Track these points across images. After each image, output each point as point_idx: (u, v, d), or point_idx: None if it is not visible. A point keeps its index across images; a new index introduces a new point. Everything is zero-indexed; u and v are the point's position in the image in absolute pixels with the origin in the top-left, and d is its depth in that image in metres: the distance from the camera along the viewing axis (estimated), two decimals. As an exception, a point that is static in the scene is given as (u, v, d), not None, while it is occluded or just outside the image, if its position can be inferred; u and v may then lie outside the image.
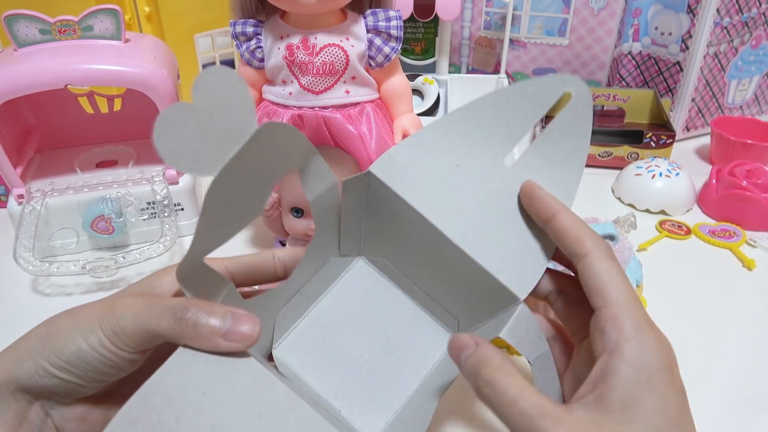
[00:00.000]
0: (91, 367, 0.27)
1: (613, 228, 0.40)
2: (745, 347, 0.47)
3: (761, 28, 0.77)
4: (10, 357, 0.27)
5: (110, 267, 0.52)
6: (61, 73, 0.51)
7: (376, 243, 0.36)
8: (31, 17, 0.52)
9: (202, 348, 0.27)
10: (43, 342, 0.27)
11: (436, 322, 0.35)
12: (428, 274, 0.34)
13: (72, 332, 0.27)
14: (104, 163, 0.62)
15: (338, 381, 0.33)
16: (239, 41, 0.49)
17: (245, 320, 0.28)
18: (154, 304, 0.28)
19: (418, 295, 0.35)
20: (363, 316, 0.35)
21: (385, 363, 0.33)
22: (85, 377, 0.27)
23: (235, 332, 0.27)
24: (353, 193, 0.34)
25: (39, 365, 0.27)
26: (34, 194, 0.55)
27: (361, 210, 0.35)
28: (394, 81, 0.51)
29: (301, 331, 0.34)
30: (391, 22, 0.48)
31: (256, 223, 0.62)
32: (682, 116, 0.79)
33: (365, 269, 0.36)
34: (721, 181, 0.64)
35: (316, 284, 0.35)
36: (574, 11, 0.75)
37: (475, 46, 0.84)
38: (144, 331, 0.27)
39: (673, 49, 0.78)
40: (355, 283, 0.36)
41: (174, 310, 0.27)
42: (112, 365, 0.27)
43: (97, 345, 0.27)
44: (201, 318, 0.27)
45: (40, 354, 0.27)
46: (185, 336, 0.27)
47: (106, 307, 0.28)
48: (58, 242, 0.57)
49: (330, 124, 0.49)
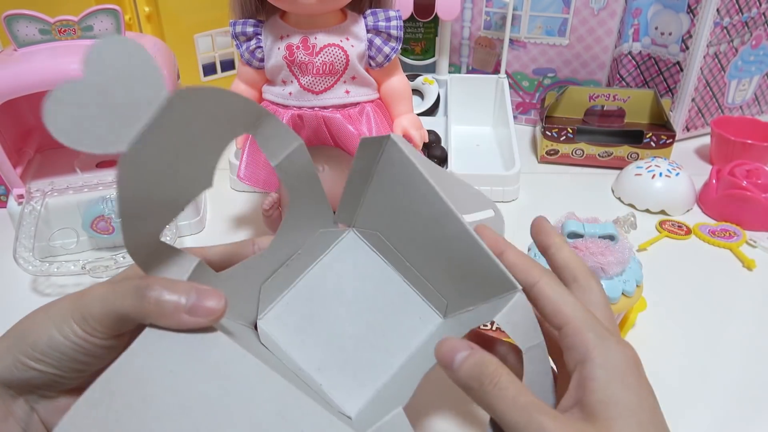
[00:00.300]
0: (66, 357, 0.27)
1: (613, 228, 0.40)
2: (745, 347, 0.47)
3: (761, 28, 0.77)
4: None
5: (110, 267, 0.52)
6: (61, 73, 0.51)
7: (375, 214, 0.35)
8: (31, 17, 0.52)
9: (167, 326, 0.27)
10: (18, 337, 0.27)
11: (424, 302, 0.34)
12: (424, 252, 0.34)
13: (44, 324, 0.27)
14: (104, 163, 0.62)
15: (321, 355, 0.32)
16: (239, 41, 0.49)
17: (210, 295, 0.27)
18: (119, 286, 0.27)
19: (408, 273, 0.35)
20: (350, 291, 0.34)
21: (369, 340, 0.33)
22: (62, 367, 0.27)
23: (201, 307, 0.27)
24: (367, 154, 0.33)
25: (16, 359, 0.27)
26: (34, 194, 0.55)
27: (368, 175, 0.34)
28: (394, 81, 0.51)
29: (286, 303, 0.34)
30: (391, 22, 0.48)
31: (256, 223, 0.62)
32: (682, 116, 0.79)
33: (355, 241, 0.36)
34: (721, 181, 0.64)
35: (304, 256, 0.34)
36: (574, 11, 0.75)
37: (475, 46, 0.84)
38: (111, 312, 0.27)
39: (673, 49, 0.78)
40: (344, 257, 0.35)
41: (137, 289, 0.26)
42: (86, 353, 0.27)
43: (69, 333, 0.27)
44: (164, 294, 0.26)
45: (17, 348, 0.27)
46: (150, 314, 0.26)
47: (76, 295, 0.28)
48: (58, 242, 0.57)
49: (330, 124, 0.49)
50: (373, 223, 0.35)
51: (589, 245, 0.39)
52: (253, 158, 0.52)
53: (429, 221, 0.32)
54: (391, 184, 0.33)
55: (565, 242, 0.33)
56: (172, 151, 0.25)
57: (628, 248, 0.40)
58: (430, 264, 0.34)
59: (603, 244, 0.39)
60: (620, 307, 0.39)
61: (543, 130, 0.73)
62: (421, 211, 0.32)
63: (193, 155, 0.27)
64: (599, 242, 0.39)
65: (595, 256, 0.38)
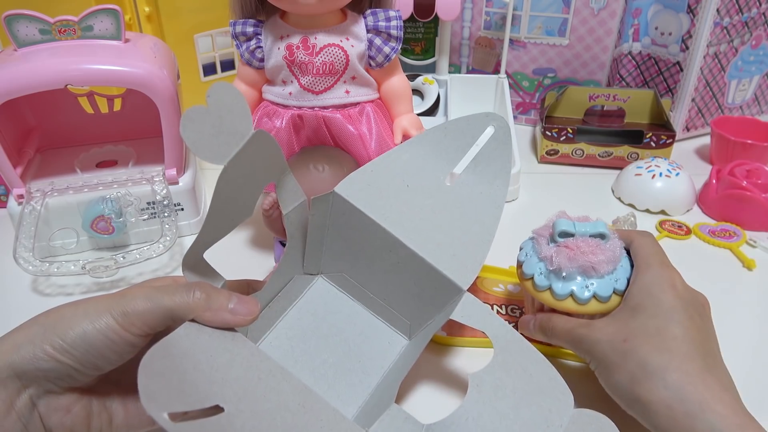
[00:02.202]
0: (94, 350, 0.29)
1: (604, 226, 0.40)
2: (745, 347, 0.47)
3: (761, 28, 0.77)
4: (7, 343, 0.29)
5: (110, 267, 0.52)
6: (61, 73, 0.51)
7: (336, 258, 0.42)
8: (31, 17, 0.52)
9: (210, 321, 0.31)
10: (45, 328, 0.29)
11: (389, 328, 0.41)
12: (383, 281, 0.41)
13: (77, 317, 0.29)
14: (104, 163, 0.62)
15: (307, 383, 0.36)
16: (239, 41, 0.49)
17: (248, 299, 0.33)
18: (166, 286, 0.31)
19: (373, 303, 0.42)
20: (325, 327, 0.40)
21: (347, 366, 0.39)
22: (84, 362, 0.29)
23: (241, 308, 0.32)
24: (319, 211, 0.39)
25: (40, 348, 0.28)
26: (34, 194, 0.55)
27: (324, 227, 0.40)
28: (394, 81, 0.51)
29: (270, 342, 0.39)
30: (391, 22, 0.48)
31: (257, 223, 0.62)
32: (682, 116, 0.79)
33: (325, 285, 0.42)
34: (721, 181, 0.64)
35: (282, 300, 0.40)
36: (574, 11, 0.75)
37: (475, 46, 0.84)
38: (156, 308, 0.30)
39: (673, 49, 0.78)
40: (316, 299, 0.42)
41: (187, 288, 0.31)
42: (114, 348, 0.29)
43: (104, 327, 0.29)
44: (213, 292, 0.31)
45: (41, 338, 0.29)
46: (198, 308, 0.31)
47: (114, 295, 0.31)
48: (58, 242, 0.57)
49: (330, 124, 0.49)
50: (337, 265, 0.42)
51: (579, 244, 0.39)
52: (253, 158, 0.52)
53: (382, 253, 0.39)
54: (345, 231, 0.40)
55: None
56: (242, 177, 0.32)
57: (619, 246, 0.40)
58: (391, 290, 0.41)
59: (594, 243, 0.39)
60: (611, 306, 0.39)
61: (543, 130, 0.73)
62: (374, 246, 0.39)
63: (250, 184, 0.34)
64: (590, 241, 0.39)
65: (586, 255, 0.38)
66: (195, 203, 0.61)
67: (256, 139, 0.32)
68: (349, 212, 0.39)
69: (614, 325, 0.36)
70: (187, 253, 0.32)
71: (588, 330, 0.37)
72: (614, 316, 0.37)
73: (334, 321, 0.41)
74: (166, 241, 0.53)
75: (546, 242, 0.41)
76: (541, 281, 0.40)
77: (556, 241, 0.40)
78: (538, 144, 0.76)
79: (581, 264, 0.38)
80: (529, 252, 0.42)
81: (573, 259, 0.38)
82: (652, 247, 0.39)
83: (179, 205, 0.59)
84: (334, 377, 0.38)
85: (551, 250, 0.39)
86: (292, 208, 0.38)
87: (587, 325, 0.37)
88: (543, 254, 0.40)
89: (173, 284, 0.32)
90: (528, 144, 0.81)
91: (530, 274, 0.40)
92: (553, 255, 0.39)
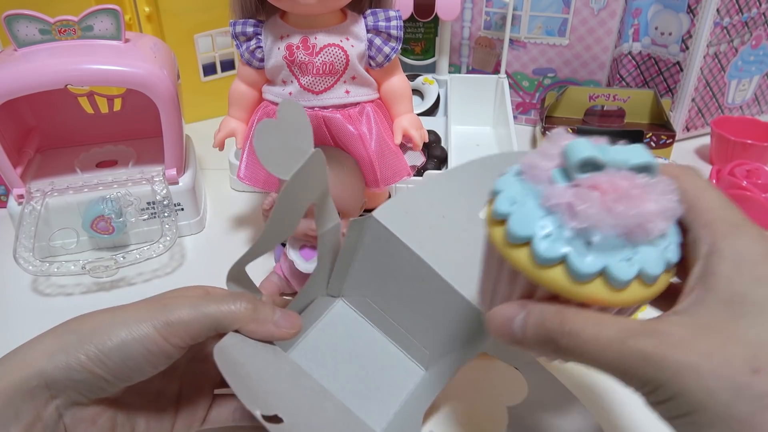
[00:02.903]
0: (131, 361, 0.28)
1: (649, 153, 0.24)
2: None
3: (761, 28, 0.77)
4: (38, 351, 0.28)
5: (110, 267, 0.52)
6: (61, 73, 0.51)
7: (361, 282, 0.41)
8: (31, 17, 0.52)
9: (254, 332, 0.31)
10: (81, 336, 0.28)
11: (407, 357, 0.41)
12: (409, 309, 0.40)
13: (115, 326, 0.28)
14: (104, 163, 0.62)
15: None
16: (239, 41, 0.49)
17: (291, 314, 0.33)
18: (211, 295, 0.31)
19: (393, 330, 0.41)
20: (344, 352, 0.40)
21: (365, 393, 0.38)
22: (118, 373, 0.28)
23: (284, 321, 0.32)
24: (353, 233, 0.39)
25: (74, 358, 0.27)
26: (34, 194, 0.55)
27: (355, 251, 0.40)
28: (394, 81, 0.51)
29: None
30: (391, 22, 0.48)
31: (257, 223, 0.62)
32: (682, 116, 0.79)
33: (345, 309, 0.42)
34: (721, 181, 0.64)
35: (304, 320, 0.40)
36: (574, 11, 0.75)
37: (475, 46, 0.84)
38: (201, 317, 0.29)
39: (673, 49, 0.78)
40: (336, 322, 0.41)
41: (233, 297, 0.31)
42: (151, 360, 0.29)
43: (144, 337, 0.28)
44: (258, 303, 0.31)
45: (76, 347, 0.28)
46: (244, 318, 0.30)
47: (152, 303, 0.30)
48: (58, 242, 0.57)
49: (330, 124, 0.49)
50: (361, 289, 0.41)
51: (617, 182, 0.22)
52: (253, 158, 0.52)
53: (414, 281, 0.38)
54: (378, 256, 0.40)
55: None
56: (299, 193, 0.33)
57: (671, 189, 0.24)
58: (416, 319, 0.40)
59: (639, 180, 0.23)
60: (657, 291, 0.24)
61: (543, 130, 0.73)
62: (405, 274, 0.39)
63: (302, 201, 0.34)
64: (632, 177, 0.23)
65: (632, 202, 0.22)
66: (195, 203, 0.61)
67: (313, 158, 0.32)
68: (385, 238, 0.39)
69: (715, 337, 0.20)
70: (233, 265, 0.32)
71: (661, 344, 0.20)
72: (697, 319, 0.21)
73: (353, 346, 0.40)
74: (166, 241, 0.53)
75: (550, 180, 0.24)
76: (549, 250, 0.23)
77: (573, 179, 0.23)
78: (538, 144, 0.76)
79: (629, 219, 0.22)
80: (519, 196, 0.25)
81: (613, 210, 0.22)
82: (720, 197, 0.24)
83: (179, 205, 0.59)
84: (351, 403, 0.37)
85: (568, 192, 0.23)
86: (327, 229, 0.38)
87: (652, 333, 0.21)
88: (553, 200, 0.23)
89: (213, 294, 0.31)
90: (528, 144, 0.81)
91: (526, 236, 0.23)
92: (574, 202, 0.22)
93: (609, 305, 0.23)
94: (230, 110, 0.53)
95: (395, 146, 0.51)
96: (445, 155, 0.69)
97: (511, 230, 0.24)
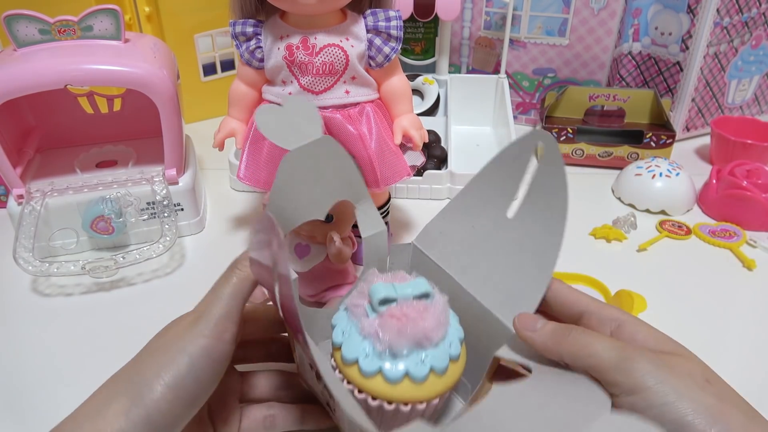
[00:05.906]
0: (203, 377, 0.29)
1: (426, 284, 0.34)
2: (745, 347, 0.47)
3: (761, 28, 0.77)
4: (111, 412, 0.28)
5: (110, 267, 0.52)
6: (61, 73, 0.51)
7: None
8: (30, 17, 0.52)
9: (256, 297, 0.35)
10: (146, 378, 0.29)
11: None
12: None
13: (175, 353, 0.29)
14: (104, 163, 0.62)
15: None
16: (239, 41, 0.49)
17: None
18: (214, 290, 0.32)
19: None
20: None
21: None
22: (193, 397, 0.29)
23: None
24: (398, 260, 0.42)
25: (152, 404, 0.28)
26: (34, 194, 0.55)
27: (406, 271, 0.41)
28: (394, 81, 0.51)
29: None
30: (391, 22, 0.48)
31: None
32: (682, 116, 0.79)
33: None
34: (721, 181, 0.64)
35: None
36: (574, 11, 0.75)
37: (475, 46, 0.84)
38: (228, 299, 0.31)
39: (673, 49, 0.78)
40: None
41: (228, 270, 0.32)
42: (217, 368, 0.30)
43: (203, 348, 0.29)
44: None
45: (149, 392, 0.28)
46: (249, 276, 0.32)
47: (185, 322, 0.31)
48: (58, 242, 0.57)
49: (330, 124, 0.49)
50: None
51: (406, 311, 0.32)
52: (253, 158, 0.52)
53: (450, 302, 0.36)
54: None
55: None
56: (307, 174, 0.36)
57: (443, 303, 0.34)
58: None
59: (420, 305, 0.32)
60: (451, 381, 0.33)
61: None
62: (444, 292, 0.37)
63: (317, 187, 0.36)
64: (416, 304, 0.32)
65: (416, 323, 0.31)
66: (195, 203, 0.61)
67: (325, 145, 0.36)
68: (425, 263, 0.41)
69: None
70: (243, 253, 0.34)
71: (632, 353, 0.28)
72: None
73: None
74: (166, 241, 0.53)
75: (365, 313, 0.33)
76: (368, 365, 0.31)
77: (378, 312, 0.32)
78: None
79: (414, 335, 0.31)
80: (347, 329, 0.33)
81: (404, 332, 0.31)
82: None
83: (179, 205, 0.59)
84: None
85: (375, 323, 0.32)
86: (372, 234, 0.40)
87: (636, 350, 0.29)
88: (366, 330, 0.32)
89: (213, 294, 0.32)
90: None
91: (353, 359, 0.32)
92: (378, 331, 0.31)
93: (416, 400, 0.32)
94: (230, 110, 0.53)
95: (395, 146, 0.51)
96: (444, 155, 0.69)
97: (344, 355, 0.32)
